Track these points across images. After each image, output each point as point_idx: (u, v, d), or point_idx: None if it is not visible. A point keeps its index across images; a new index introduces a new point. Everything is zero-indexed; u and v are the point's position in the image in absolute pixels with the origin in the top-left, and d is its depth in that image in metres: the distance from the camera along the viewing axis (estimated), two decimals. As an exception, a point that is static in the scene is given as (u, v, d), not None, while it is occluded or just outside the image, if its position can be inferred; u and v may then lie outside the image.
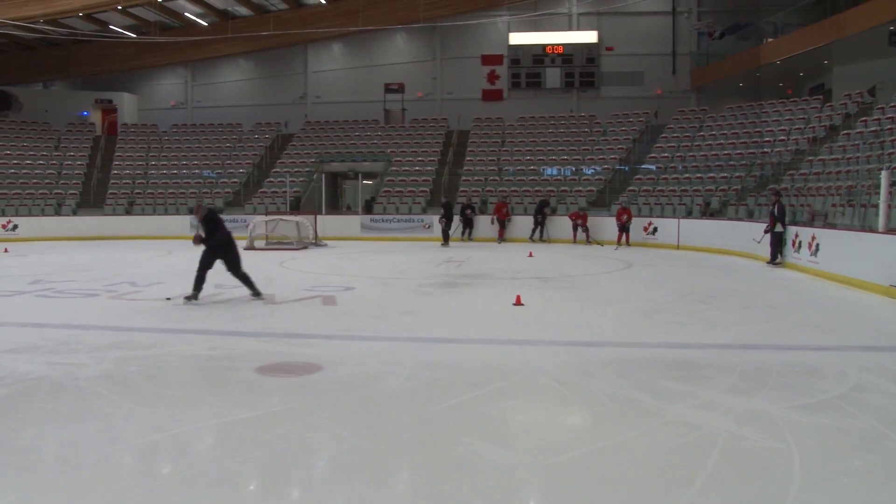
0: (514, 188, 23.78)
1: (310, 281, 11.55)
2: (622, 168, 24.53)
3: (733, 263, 14.78)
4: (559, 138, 26.32)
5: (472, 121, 28.11)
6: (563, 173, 24.89)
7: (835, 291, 10.42)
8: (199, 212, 9.23)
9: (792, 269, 13.31)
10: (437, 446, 3.99)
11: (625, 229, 19.78)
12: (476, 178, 24.88)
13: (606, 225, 20.68)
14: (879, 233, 11.06)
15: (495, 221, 21.64)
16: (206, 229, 8.98)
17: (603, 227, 20.71)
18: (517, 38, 29.02)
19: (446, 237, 20.24)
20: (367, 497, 3.32)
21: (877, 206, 12.03)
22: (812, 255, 12.42)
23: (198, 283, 8.95)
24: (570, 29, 28.77)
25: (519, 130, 27.15)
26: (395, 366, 5.71)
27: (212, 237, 9.00)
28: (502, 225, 21.63)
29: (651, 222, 20.16)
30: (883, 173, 11.75)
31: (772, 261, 13.91)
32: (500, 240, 21.44)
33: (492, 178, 24.91)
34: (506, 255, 16.67)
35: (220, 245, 9.05)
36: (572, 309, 8.82)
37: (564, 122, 27.36)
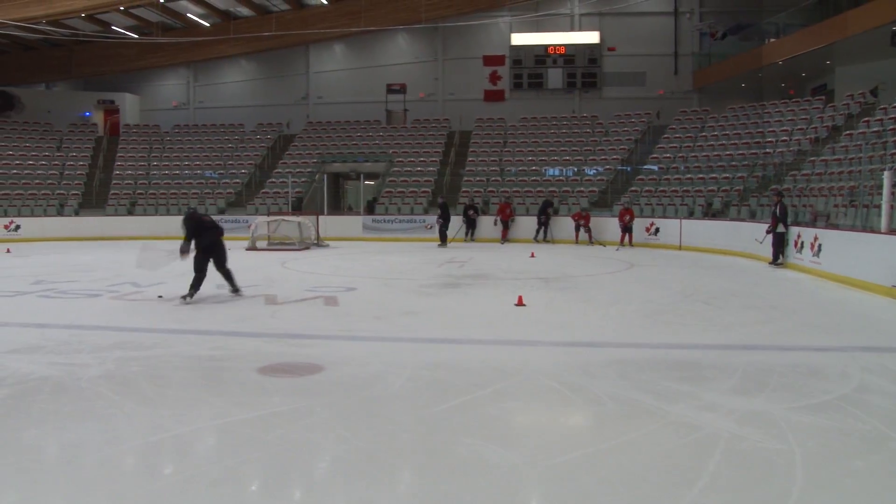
0: (516, 189, 23.76)
1: (311, 281, 11.55)
2: (624, 168, 24.49)
3: (735, 264, 14.76)
4: (561, 139, 26.30)
5: (474, 121, 28.09)
6: (564, 174, 24.87)
7: (837, 292, 10.41)
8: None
9: (794, 269, 13.29)
10: (438, 447, 3.99)
11: (627, 230, 19.77)
12: (478, 178, 24.87)
13: (609, 225, 20.67)
14: (882, 233, 11.06)
15: (498, 222, 21.64)
16: (185, 231, 9.06)
17: (605, 227, 20.70)
18: (519, 39, 29.00)
19: (444, 237, 20.24)
20: (368, 497, 3.32)
21: (879, 207, 12.03)
22: (814, 255, 12.40)
23: (195, 284, 9.07)
24: (572, 29, 28.75)
25: (521, 131, 27.13)
26: (396, 366, 5.72)
27: (197, 238, 9.09)
28: (505, 226, 21.62)
29: (653, 223, 20.14)
30: (885, 174, 11.75)
31: (774, 261, 13.90)
32: (502, 240, 21.43)
33: (493, 178, 24.90)
34: (508, 256, 16.66)
35: (206, 248, 9.16)
36: (574, 309, 8.82)
37: (566, 122, 27.33)
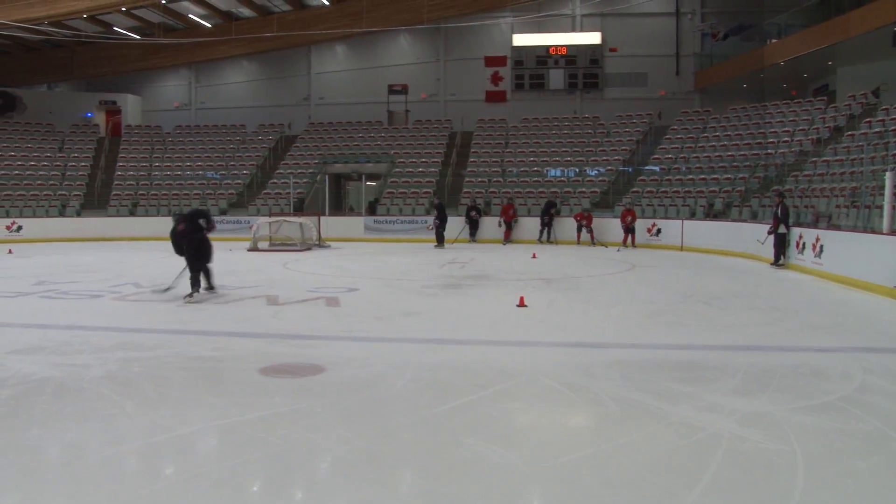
0: (518, 189, 23.75)
1: (313, 282, 11.55)
2: (626, 169, 24.47)
3: (737, 265, 14.75)
4: (562, 139, 26.29)
5: (476, 122, 28.08)
6: (566, 175, 24.85)
7: (838, 293, 10.40)
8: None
9: (796, 270, 13.28)
10: (440, 447, 3.99)
11: (630, 230, 19.76)
12: (479, 179, 24.87)
13: (611, 226, 20.66)
14: (884, 234, 11.04)
15: (502, 223, 21.63)
16: (183, 231, 9.35)
17: (607, 228, 20.69)
18: (521, 40, 29.00)
19: (440, 238, 20.24)
20: (370, 498, 3.32)
21: (881, 208, 12.01)
22: (816, 256, 12.39)
23: (194, 283, 9.22)
24: (574, 30, 28.74)
25: (522, 132, 27.12)
26: (398, 367, 5.72)
27: (182, 247, 9.34)
28: (508, 227, 21.61)
29: (655, 223, 20.13)
30: (887, 174, 11.72)
31: (775, 262, 13.89)
32: (505, 241, 21.42)
33: (495, 179, 24.89)
34: (509, 257, 16.66)
35: (191, 251, 9.27)
36: (576, 310, 8.82)
37: (568, 123, 27.32)
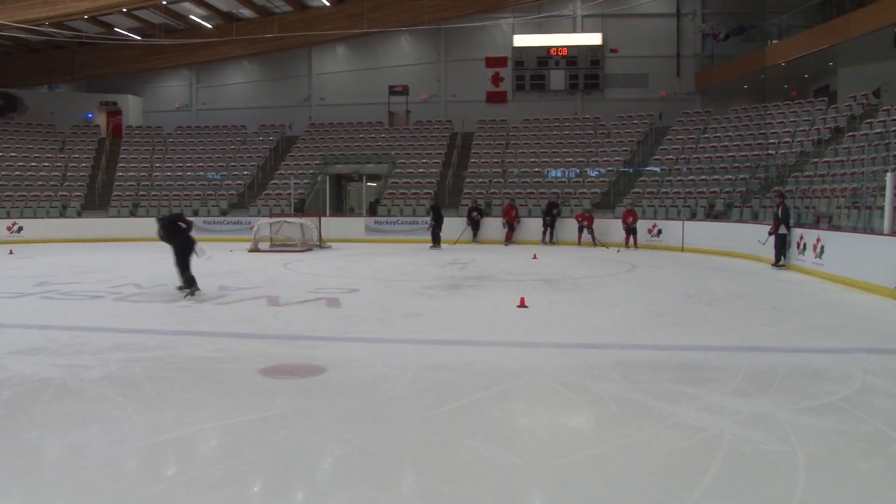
0: (519, 190, 23.74)
1: (314, 283, 11.56)
2: (626, 170, 24.46)
3: (738, 266, 14.74)
4: (563, 140, 26.28)
5: (477, 123, 28.07)
6: (567, 175, 24.84)
7: (839, 294, 10.40)
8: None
9: (796, 271, 13.27)
10: (441, 448, 3.99)
11: (631, 231, 19.75)
12: (480, 180, 24.86)
13: (612, 227, 20.65)
14: (885, 235, 11.03)
15: (505, 224, 21.61)
16: (165, 234, 9.74)
17: (608, 229, 20.68)
18: (521, 40, 28.99)
19: (436, 239, 20.23)
20: (371, 499, 3.32)
21: (882, 209, 12.00)
22: (817, 257, 12.38)
23: (190, 281, 9.42)
24: (575, 31, 28.74)
25: (523, 132, 27.11)
26: (399, 368, 5.71)
27: (172, 240, 9.71)
28: (510, 228, 21.60)
29: (655, 224, 20.12)
30: (888, 175, 11.71)
31: (776, 263, 13.88)
32: (506, 242, 21.42)
33: (496, 180, 24.89)
34: (510, 258, 16.66)
35: (177, 250, 9.62)
36: (577, 311, 8.81)
37: (569, 124, 27.31)
